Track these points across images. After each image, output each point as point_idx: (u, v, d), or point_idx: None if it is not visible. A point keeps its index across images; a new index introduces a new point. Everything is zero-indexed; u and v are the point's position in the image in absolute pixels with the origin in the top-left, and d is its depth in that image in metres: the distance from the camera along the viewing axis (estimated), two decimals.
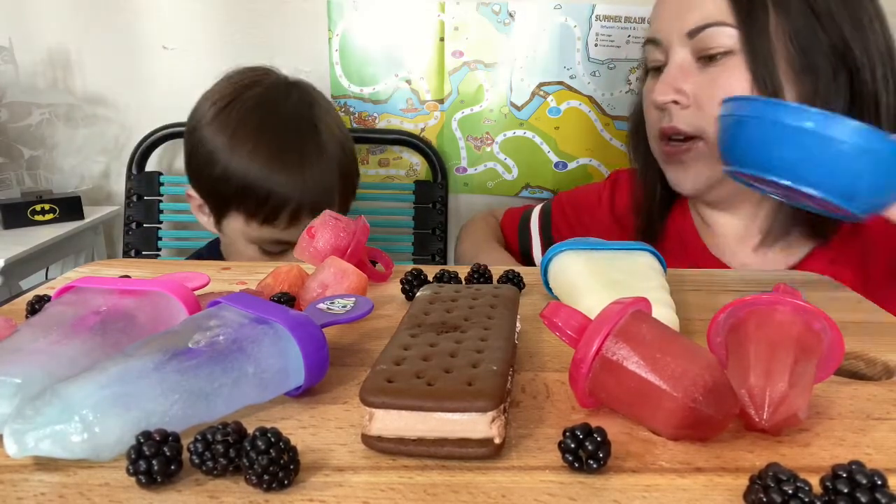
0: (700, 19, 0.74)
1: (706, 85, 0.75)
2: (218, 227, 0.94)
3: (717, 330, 0.39)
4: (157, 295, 0.43)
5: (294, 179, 0.87)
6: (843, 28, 0.72)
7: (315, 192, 0.88)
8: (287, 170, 0.87)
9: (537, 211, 1.04)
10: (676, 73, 0.76)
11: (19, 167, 1.33)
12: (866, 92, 0.73)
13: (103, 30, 1.28)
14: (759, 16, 0.71)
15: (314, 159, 0.90)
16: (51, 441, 0.30)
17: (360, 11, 1.24)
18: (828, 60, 0.72)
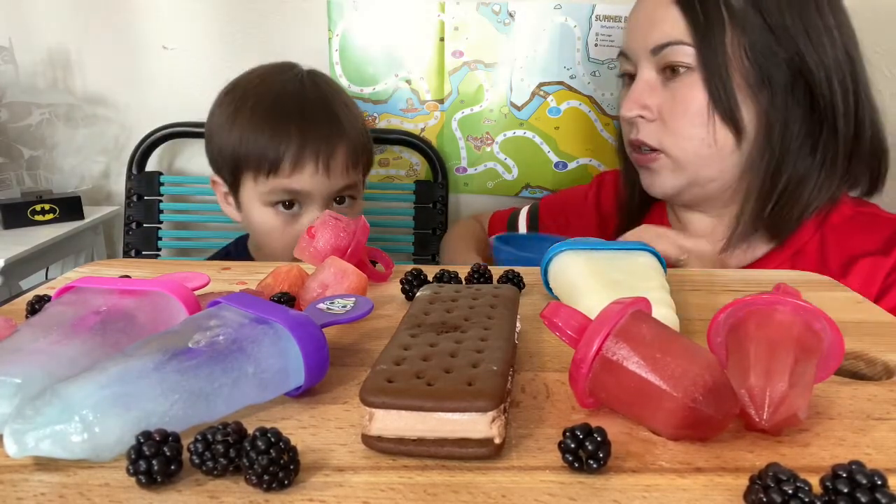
0: (661, 37, 0.77)
1: (669, 100, 0.78)
2: (239, 208, 0.96)
3: (717, 330, 0.39)
4: (157, 295, 0.43)
5: (295, 124, 0.89)
6: (797, 41, 0.74)
7: (317, 137, 0.89)
8: (288, 117, 0.89)
9: (524, 212, 1.06)
10: (643, 88, 0.80)
11: (19, 167, 1.33)
12: (824, 104, 0.75)
13: (103, 30, 1.28)
14: (714, 33, 0.74)
15: (316, 109, 0.92)
16: (51, 441, 0.30)
17: (360, 11, 1.24)
18: (784, 74, 0.75)
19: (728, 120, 0.76)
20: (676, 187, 0.82)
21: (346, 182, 0.93)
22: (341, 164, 0.91)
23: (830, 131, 0.76)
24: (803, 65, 0.74)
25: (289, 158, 0.88)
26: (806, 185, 0.77)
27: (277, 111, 0.90)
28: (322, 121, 0.91)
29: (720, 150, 0.77)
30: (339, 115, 0.94)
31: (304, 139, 0.89)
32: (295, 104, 0.91)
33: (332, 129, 0.92)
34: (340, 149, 0.91)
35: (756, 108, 0.76)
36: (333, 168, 0.90)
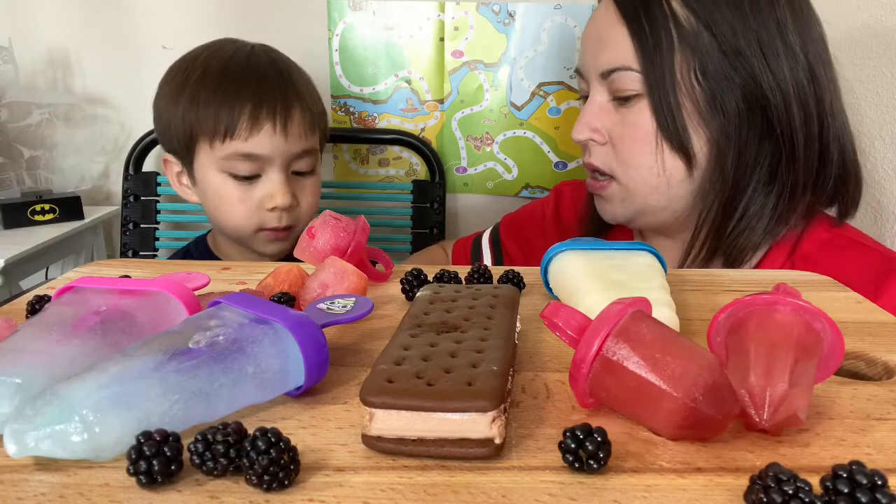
0: (609, 62, 0.74)
1: (619, 125, 0.75)
2: (195, 184, 0.94)
3: (717, 330, 0.39)
4: (157, 295, 0.43)
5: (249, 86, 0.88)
6: (752, 64, 0.69)
7: (273, 97, 0.88)
8: (241, 80, 0.88)
9: (487, 234, 1.02)
10: (594, 111, 0.77)
11: (19, 167, 1.33)
12: (781, 129, 0.70)
13: (103, 30, 1.28)
14: (662, 57, 0.70)
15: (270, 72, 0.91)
16: (51, 441, 0.30)
17: (360, 11, 1.24)
18: (737, 98, 0.70)
19: (677, 148, 0.72)
20: (627, 215, 0.79)
21: (303, 146, 0.91)
22: (298, 125, 0.90)
23: (789, 158, 0.71)
24: (758, 89, 0.70)
25: (245, 119, 0.86)
26: (762, 214, 0.73)
27: (229, 75, 0.89)
28: (276, 82, 0.90)
29: (669, 178, 0.74)
30: (293, 78, 0.93)
31: (260, 99, 0.87)
32: (247, 68, 0.90)
33: (288, 91, 0.90)
34: (297, 110, 0.90)
35: (707, 134, 0.72)
36: (291, 130, 0.89)
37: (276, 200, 0.90)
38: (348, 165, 1.34)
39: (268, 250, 0.95)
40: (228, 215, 0.92)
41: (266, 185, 0.90)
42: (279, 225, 0.92)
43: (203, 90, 0.88)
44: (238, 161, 0.88)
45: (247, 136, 0.87)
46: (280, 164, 0.90)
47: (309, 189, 0.95)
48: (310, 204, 0.95)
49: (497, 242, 1.00)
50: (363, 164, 1.34)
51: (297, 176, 0.93)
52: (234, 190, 0.90)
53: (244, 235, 0.93)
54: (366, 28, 1.25)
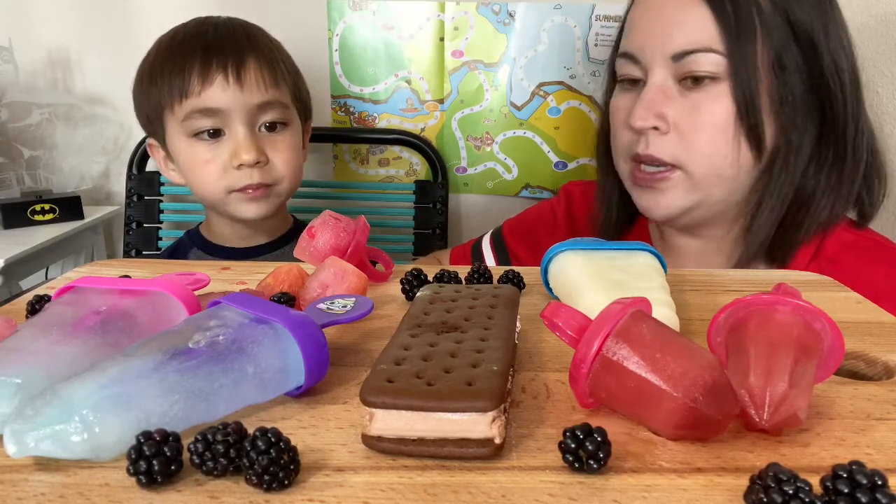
0: (686, 43, 0.70)
1: (689, 111, 0.71)
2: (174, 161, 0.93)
3: (717, 330, 0.39)
4: (157, 295, 0.43)
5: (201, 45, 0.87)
6: (821, 57, 0.70)
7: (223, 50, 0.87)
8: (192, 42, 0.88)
9: (487, 238, 0.99)
10: (657, 96, 0.72)
11: (19, 167, 1.33)
12: (837, 124, 0.71)
13: (103, 30, 1.28)
14: (746, 43, 0.68)
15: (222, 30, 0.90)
16: (51, 441, 0.30)
17: (360, 11, 1.24)
18: (805, 91, 0.70)
19: (753, 137, 0.70)
20: (683, 208, 0.75)
21: (264, 97, 0.88)
22: (255, 75, 0.88)
23: (841, 152, 0.72)
24: (823, 81, 0.70)
25: (195, 74, 0.85)
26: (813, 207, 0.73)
27: (181, 41, 0.89)
28: (227, 35, 0.89)
29: (740, 169, 0.72)
30: (249, 33, 0.91)
31: (209, 54, 0.86)
32: (197, 31, 0.90)
33: (241, 43, 0.88)
34: (251, 61, 0.88)
35: (777, 124, 0.71)
36: (246, 79, 0.87)
37: (241, 156, 0.87)
38: (348, 165, 1.34)
39: (247, 213, 0.91)
40: (200, 179, 0.90)
41: (230, 142, 0.88)
42: (250, 182, 0.88)
43: (158, 62, 0.88)
44: (197, 118, 0.87)
45: (199, 90, 0.85)
46: (242, 118, 0.87)
47: (282, 145, 0.91)
48: (285, 161, 0.91)
49: (501, 245, 0.98)
50: (363, 164, 1.34)
51: (267, 133, 0.90)
52: (201, 151, 0.88)
53: (219, 199, 0.91)
54: (366, 28, 1.25)
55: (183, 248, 1.02)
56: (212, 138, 0.88)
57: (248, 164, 0.87)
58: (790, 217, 0.74)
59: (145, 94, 0.90)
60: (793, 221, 0.74)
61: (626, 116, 0.76)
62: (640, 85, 0.76)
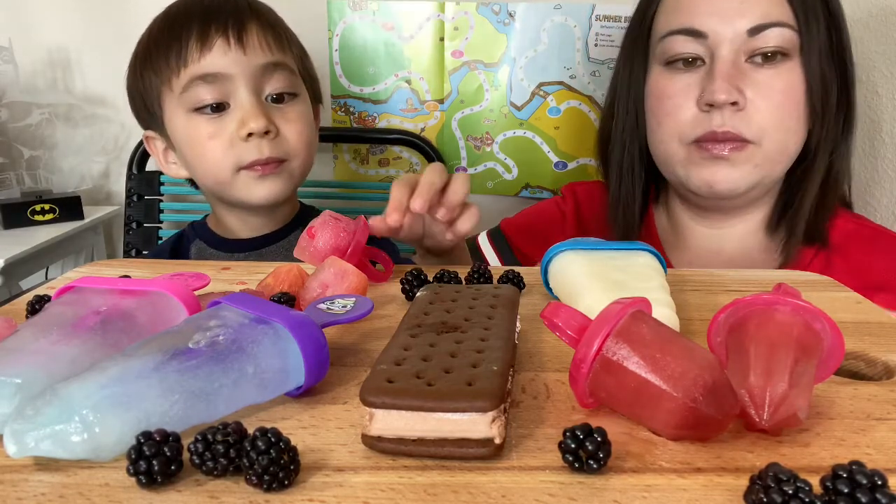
0: (762, 17, 0.71)
1: (763, 87, 0.72)
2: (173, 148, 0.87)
3: (717, 330, 0.39)
4: (157, 295, 0.43)
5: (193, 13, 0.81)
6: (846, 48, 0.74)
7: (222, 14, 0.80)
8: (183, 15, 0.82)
9: (484, 236, 0.97)
10: (732, 70, 0.72)
11: (19, 167, 1.34)
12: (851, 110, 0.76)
13: (103, 30, 1.28)
14: (813, 20, 0.71)
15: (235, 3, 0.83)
16: (51, 441, 0.30)
17: (360, 11, 1.24)
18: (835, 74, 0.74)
19: (813, 115, 0.73)
20: (752, 183, 0.75)
21: (269, 58, 0.81)
22: (257, 37, 0.81)
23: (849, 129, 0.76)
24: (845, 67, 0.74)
25: (193, 40, 0.78)
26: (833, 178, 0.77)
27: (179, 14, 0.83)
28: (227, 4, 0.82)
29: (799, 146, 0.74)
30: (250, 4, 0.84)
31: (207, 18, 0.80)
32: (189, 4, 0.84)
33: (240, 7, 0.82)
34: (252, 23, 0.81)
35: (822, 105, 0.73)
36: (248, 41, 0.80)
37: (249, 124, 0.78)
38: (348, 165, 1.34)
39: (258, 194, 0.82)
40: (204, 159, 0.81)
41: (236, 113, 0.80)
42: (260, 157, 0.79)
43: (153, 40, 0.83)
44: (198, 88, 0.79)
45: (198, 55, 0.78)
46: (247, 84, 0.79)
47: (293, 115, 0.83)
48: (297, 133, 0.83)
49: (503, 243, 0.96)
50: (363, 164, 1.34)
51: (274, 103, 0.82)
52: (204, 126, 0.80)
53: (226, 180, 0.82)
54: (366, 28, 1.25)
55: (185, 240, 0.95)
56: (214, 112, 0.80)
57: (258, 132, 0.78)
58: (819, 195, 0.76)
59: (140, 78, 0.84)
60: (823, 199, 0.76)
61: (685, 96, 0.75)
62: (699, 64, 0.75)
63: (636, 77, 0.81)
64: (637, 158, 0.84)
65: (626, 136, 0.83)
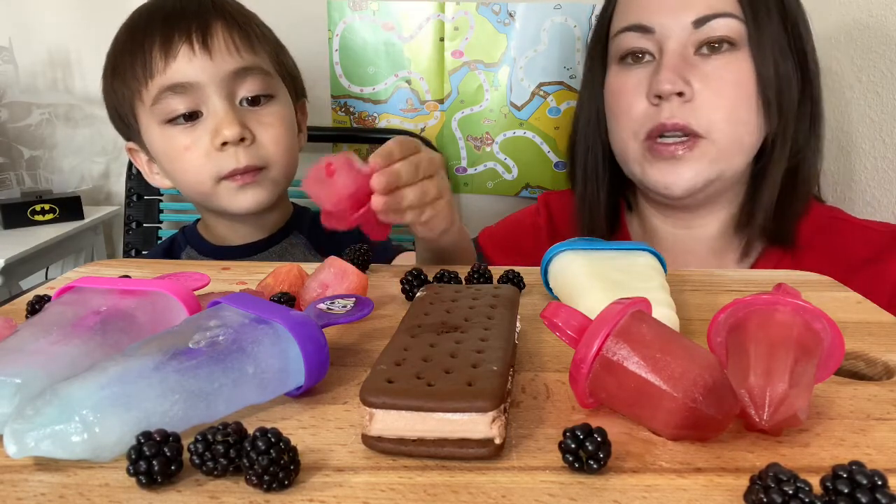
0: (707, 8, 0.71)
1: (712, 78, 0.71)
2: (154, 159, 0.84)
3: (717, 330, 0.39)
4: (157, 295, 0.43)
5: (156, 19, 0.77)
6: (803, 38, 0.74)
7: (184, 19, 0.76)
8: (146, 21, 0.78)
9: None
10: (679, 62, 0.72)
11: (19, 167, 1.34)
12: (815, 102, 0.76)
13: (103, 30, 1.28)
14: (761, 10, 0.71)
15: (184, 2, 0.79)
16: (51, 441, 0.30)
17: (360, 11, 1.24)
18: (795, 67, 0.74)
19: (768, 105, 0.72)
20: (708, 180, 0.74)
21: (238, 63, 0.77)
22: (224, 41, 0.76)
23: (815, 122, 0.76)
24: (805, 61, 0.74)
25: (157, 48, 0.75)
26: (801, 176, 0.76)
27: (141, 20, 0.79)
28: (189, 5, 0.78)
29: (757, 138, 0.74)
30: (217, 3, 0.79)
31: (169, 24, 0.76)
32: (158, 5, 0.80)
33: (204, 8, 0.77)
34: (218, 25, 0.77)
35: (776, 99, 0.73)
36: (214, 45, 0.75)
37: (224, 132, 0.75)
38: None
39: (241, 204, 0.80)
40: (182, 171, 0.79)
41: (210, 121, 0.76)
42: (238, 165, 0.76)
43: (118, 50, 0.80)
44: (168, 99, 0.76)
45: (164, 65, 0.75)
46: (217, 91, 0.76)
47: (269, 119, 0.79)
48: (273, 138, 0.79)
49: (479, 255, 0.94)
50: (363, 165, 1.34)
51: (249, 107, 0.79)
52: (179, 138, 0.77)
53: (207, 191, 0.79)
54: (366, 28, 1.25)
55: (177, 246, 0.93)
56: (188, 121, 0.77)
57: (232, 140, 0.75)
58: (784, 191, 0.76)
59: (112, 91, 0.81)
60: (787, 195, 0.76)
61: (636, 91, 0.75)
62: (647, 60, 0.75)
63: (597, 77, 0.82)
64: (600, 159, 0.84)
65: (590, 136, 0.84)
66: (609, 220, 0.86)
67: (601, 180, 0.84)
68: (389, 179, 0.55)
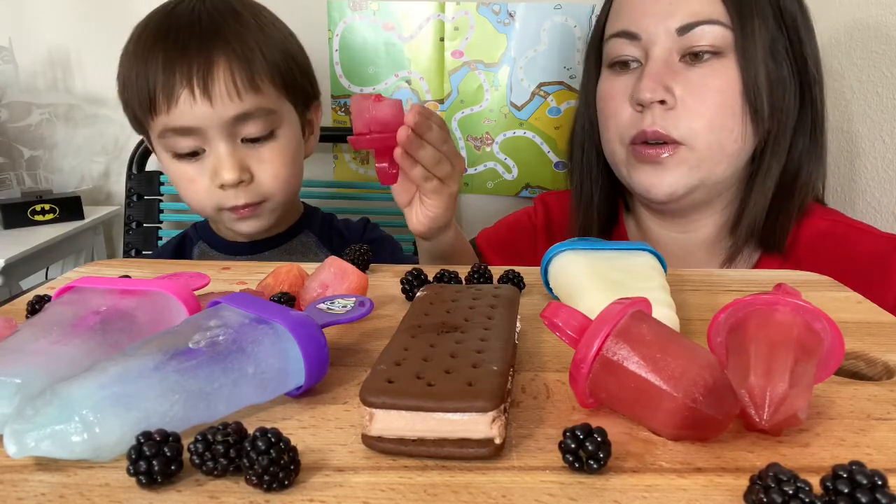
0: (691, 15, 0.71)
1: (695, 86, 0.71)
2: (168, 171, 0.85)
3: (717, 330, 0.39)
4: (157, 295, 0.43)
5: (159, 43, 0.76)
6: (803, 42, 0.73)
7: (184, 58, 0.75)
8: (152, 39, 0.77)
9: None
10: (662, 69, 0.72)
11: (19, 167, 1.34)
12: (815, 105, 0.75)
13: (103, 30, 1.28)
14: (749, 18, 0.70)
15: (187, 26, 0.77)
16: (51, 441, 0.30)
17: (360, 11, 1.24)
18: (792, 73, 0.73)
19: (756, 113, 0.71)
20: (689, 186, 0.74)
21: (239, 108, 0.76)
22: (225, 84, 0.75)
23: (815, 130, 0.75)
24: (804, 66, 0.73)
25: (159, 90, 0.75)
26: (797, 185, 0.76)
27: (147, 42, 0.77)
28: (191, 38, 0.76)
29: (743, 146, 0.73)
30: (219, 28, 0.77)
31: (171, 61, 0.75)
32: (162, 29, 0.77)
33: (205, 40, 0.76)
34: (220, 66, 0.75)
35: (769, 105, 0.72)
36: (214, 90, 0.75)
37: (222, 176, 0.77)
38: (348, 165, 1.34)
39: (240, 230, 0.83)
40: (188, 197, 0.82)
41: (212, 159, 0.78)
42: (237, 203, 0.79)
43: (126, 64, 0.79)
44: (171, 138, 0.78)
45: (166, 108, 0.75)
46: (219, 133, 0.77)
47: (268, 156, 0.80)
48: (272, 175, 0.80)
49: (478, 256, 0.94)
50: (363, 164, 1.34)
51: (251, 143, 0.79)
52: (185, 169, 0.80)
53: (211, 217, 0.84)
54: (366, 28, 1.25)
55: (188, 241, 0.95)
56: (193, 158, 0.79)
57: (230, 183, 0.78)
58: (778, 200, 0.76)
59: (123, 97, 0.82)
60: (781, 205, 0.75)
61: (623, 97, 0.76)
62: (634, 67, 0.76)
63: (592, 80, 0.83)
64: (594, 160, 0.85)
65: (586, 138, 0.85)
66: (605, 220, 0.86)
67: (596, 181, 0.85)
68: (420, 120, 0.62)
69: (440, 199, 0.68)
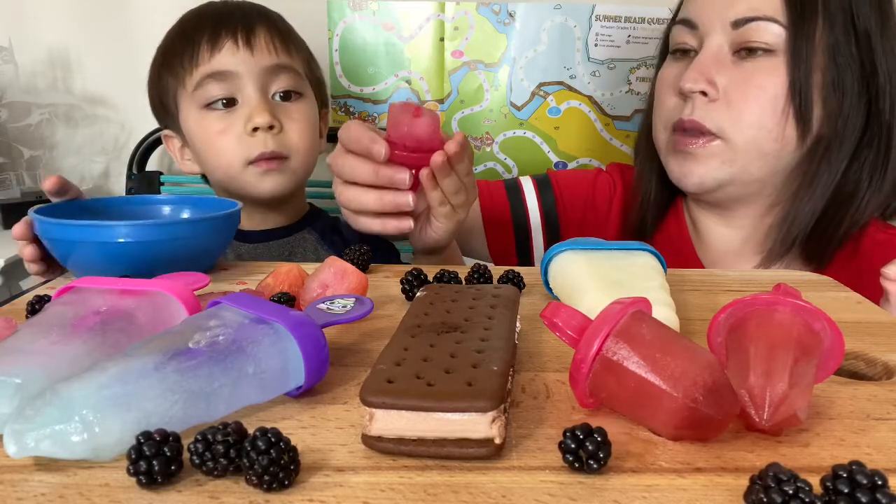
0: (749, 10, 0.71)
1: (740, 81, 0.71)
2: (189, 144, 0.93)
3: (717, 330, 0.39)
4: (157, 295, 0.43)
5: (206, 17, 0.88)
6: (875, 51, 0.71)
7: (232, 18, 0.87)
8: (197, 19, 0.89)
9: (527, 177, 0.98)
10: (710, 61, 0.73)
11: (19, 167, 1.33)
12: (882, 120, 0.72)
13: (103, 30, 1.28)
14: (809, 20, 0.69)
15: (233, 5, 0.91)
16: (51, 441, 0.30)
17: (360, 11, 1.24)
18: (856, 81, 0.71)
19: (801, 115, 0.70)
20: (719, 180, 0.75)
21: (275, 60, 0.87)
22: (265, 40, 0.87)
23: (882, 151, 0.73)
24: (874, 76, 0.71)
25: (205, 42, 0.85)
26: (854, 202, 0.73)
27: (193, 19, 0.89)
28: (238, 9, 0.89)
29: (783, 147, 0.72)
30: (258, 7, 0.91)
31: (219, 22, 0.87)
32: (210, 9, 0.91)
33: (250, 13, 0.89)
34: (261, 27, 0.87)
35: (824, 110, 0.71)
36: (256, 43, 0.86)
37: (255, 119, 0.84)
38: None
39: (263, 188, 0.88)
40: (215, 153, 0.87)
41: (244, 109, 0.86)
42: (265, 150, 0.85)
43: (170, 43, 0.90)
44: (208, 84, 0.85)
45: (209, 56, 0.85)
46: (254, 83, 0.86)
47: (296, 115, 0.89)
48: (299, 131, 0.88)
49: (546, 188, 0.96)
50: None
51: (280, 101, 0.88)
52: (215, 122, 0.86)
53: (236, 173, 0.87)
54: (366, 28, 1.25)
55: None
56: (225, 108, 0.86)
57: (262, 126, 0.84)
58: (830, 213, 0.73)
59: (158, 79, 0.91)
60: (832, 218, 0.73)
61: (673, 83, 0.76)
62: (692, 55, 0.76)
63: (659, 65, 0.84)
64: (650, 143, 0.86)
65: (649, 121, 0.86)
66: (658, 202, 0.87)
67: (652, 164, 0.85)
68: (459, 151, 0.63)
69: (448, 223, 0.69)
